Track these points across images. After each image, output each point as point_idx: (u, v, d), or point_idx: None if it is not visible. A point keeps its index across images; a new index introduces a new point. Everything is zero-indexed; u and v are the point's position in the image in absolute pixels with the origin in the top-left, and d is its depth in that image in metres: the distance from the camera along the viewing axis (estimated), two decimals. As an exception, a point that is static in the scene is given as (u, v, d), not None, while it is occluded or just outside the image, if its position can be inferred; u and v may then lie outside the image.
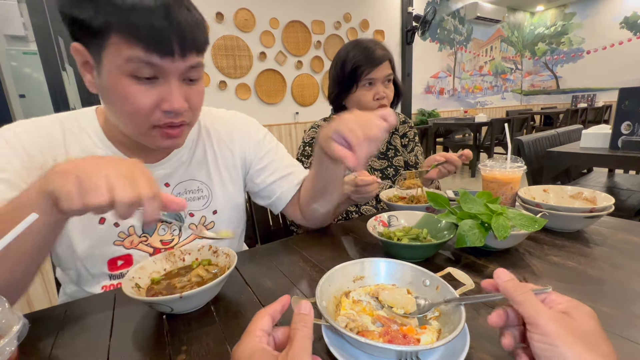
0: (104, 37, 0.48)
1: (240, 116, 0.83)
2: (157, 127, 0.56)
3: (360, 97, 1.06)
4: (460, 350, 0.37)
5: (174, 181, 0.70)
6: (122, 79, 0.51)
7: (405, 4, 4.93)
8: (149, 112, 0.54)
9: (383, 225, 0.74)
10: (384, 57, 1.03)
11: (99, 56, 0.51)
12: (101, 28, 0.48)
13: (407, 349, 0.34)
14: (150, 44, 0.48)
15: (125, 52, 0.49)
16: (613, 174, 2.32)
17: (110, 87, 0.52)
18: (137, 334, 0.47)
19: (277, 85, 4.18)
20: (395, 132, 1.25)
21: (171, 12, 0.49)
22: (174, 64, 0.51)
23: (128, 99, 0.52)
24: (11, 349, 0.31)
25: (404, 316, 0.42)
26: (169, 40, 0.49)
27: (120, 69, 0.50)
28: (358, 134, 0.52)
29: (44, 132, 0.60)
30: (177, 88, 0.54)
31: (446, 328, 0.40)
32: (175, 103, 0.53)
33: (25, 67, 2.75)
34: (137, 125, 0.56)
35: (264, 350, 0.32)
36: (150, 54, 0.49)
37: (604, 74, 6.47)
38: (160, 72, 0.52)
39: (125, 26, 0.47)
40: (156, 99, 0.53)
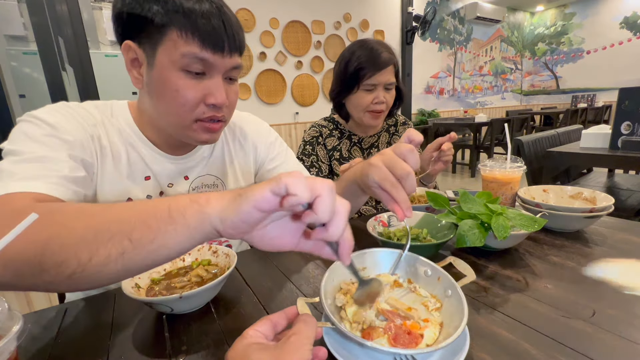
0: (163, 33, 0.53)
1: (253, 117, 0.87)
2: (200, 121, 0.60)
3: (359, 99, 1.06)
4: (461, 348, 0.37)
5: (193, 175, 0.73)
6: (174, 73, 0.55)
7: (405, 4, 4.93)
8: (195, 106, 0.58)
9: (383, 225, 0.74)
10: (388, 62, 1.02)
11: (153, 52, 0.55)
12: (162, 24, 0.52)
13: (405, 352, 0.34)
14: (206, 41, 0.53)
15: (182, 48, 0.53)
16: (613, 174, 2.32)
17: (161, 81, 0.56)
18: (137, 334, 0.47)
19: (277, 85, 4.18)
20: (396, 133, 1.26)
21: (223, 13, 0.55)
22: (222, 61, 0.56)
23: (179, 91, 0.56)
24: (11, 349, 0.31)
25: (407, 309, 0.42)
26: (222, 38, 0.55)
27: (174, 64, 0.54)
28: (390, 179, 0.52)
29: (84, 110, 0.63)
30: (221, 84, 0.59)
31: (448, 321, 0.40)
32: (219, 98, 0.58)
33: (25, 67, 2.76)
34: (182, 118, 0.59)
35: (257, 344, 0.31)
36: (204, 50, 0.54)
37: (604, 74, 6.47)
38: (208, 68, 0.56)
39: (186, 23, 0.52)
40: (202, 93, 0.57)
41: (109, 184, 0.62)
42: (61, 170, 0.51)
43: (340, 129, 1.19)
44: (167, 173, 0.69)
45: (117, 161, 0.63)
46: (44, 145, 0.52)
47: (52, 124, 0.55)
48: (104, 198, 0.62)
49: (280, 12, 4.03)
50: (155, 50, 0.55)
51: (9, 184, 0.45)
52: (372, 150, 1.20)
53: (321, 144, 1.16)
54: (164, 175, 0.68)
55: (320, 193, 0.31)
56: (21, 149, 0.50)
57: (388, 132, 1.24)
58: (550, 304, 0.48)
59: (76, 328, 0.49)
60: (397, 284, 0.49)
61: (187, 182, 0.72)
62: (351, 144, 1.18)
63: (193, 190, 0.72)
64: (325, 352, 0.34)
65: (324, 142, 1.16)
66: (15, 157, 0.49)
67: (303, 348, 0.30)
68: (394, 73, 1.06)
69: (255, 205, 0.31)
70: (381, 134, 1.22)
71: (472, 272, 0.46)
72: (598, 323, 0.43)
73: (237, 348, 0.31)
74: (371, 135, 1.20)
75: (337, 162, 1.15)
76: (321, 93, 4.55)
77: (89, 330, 0.49)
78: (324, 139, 1.16)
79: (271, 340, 0.34)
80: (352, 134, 1.18)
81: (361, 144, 1.19)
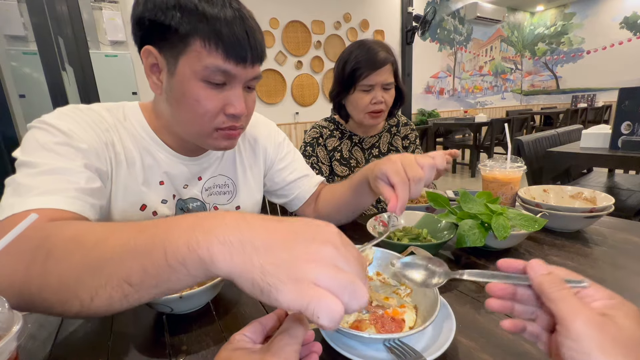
0: (186, 43, 0.52)
1: (262, 118, 0.87)
2: (220, 130, 0.60)
3: (357, 100, 1.06)
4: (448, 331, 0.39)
5: (207, 176, 0.73)
6: (195, 83, 0.54)
7: (405, 4, 4.93)
8: (214, 116, 0.57)
9: (383, 225, 0.74)
10: (385, 61, 1.01)
11: (175, 60, 0.54)
12: (186, 34, 0.51)
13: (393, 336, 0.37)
14: (229, 52, 0.52)
15: (205, 60, 0.52)
16: (613, 174, 2.32)
17: (182, 90, 0.55)
18: (137, 334, 0.47)
19: (277, 85, 4.18)
20: (397, 133, 1.25)
21: (246, 20, 0.54)
22: (244, 72, 0.56)
23: (200, 102, 0.55)
24: (11, 349, 0.31)
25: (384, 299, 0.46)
26: (245, 49, 0.54)
27: (196, 74, 0.53)
28: (402, 175, 0.54)
29: (96, 115, 0.61)
30: (241, 95, 0.58)
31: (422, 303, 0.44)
32: (239, 108, 0.57)
33: (25, 67, 2.76)
34: (202, 127, 0.59)
35: (242, 350, 0.31)
36: (227, 62, 0.53)
37: (604, 74, 6.47)
38: (230, 78, 0.56)
39: (210, 33, 0.51)
40: (223, 103, 0.57)
41: (123, 192, 0.61)
42: (78, 183, 0.49)
43: (341, 130, 1.19)
44: (183, 175, 0.69)
45: (131, 167, 0.62)
46: (58, 155, 0.50)
47: (66, 131, 0.53)
48: (118, 206, 0.61)
49: (280, 12, 4.03)
50: (177, 59, 0.53)
51: (26, 200, 0.44)
52: (372, 150, 1.20)
53: (321, 145, 1.16)
54: (179, 177, 0.68)
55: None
56: (36, 161, 0.49)
57: (389, 133, 1.24)
58: (551, 304, 0.48)
59: (76, 328, 0.49)
60: (368, 277, 0.51)
61: (200, 183, 0.72)
62: (352, 145, 1.18)
63: (206, 191, 0.73)
64: (320, 346, 0.35)
65: (325, 142, 1.16)
66: (31, 169, 0.48)
67: (286, 348, 0.29)
68: (392, 73, 1.05)
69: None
70: (382, 134, 1.22)
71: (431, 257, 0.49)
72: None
73: (222, 354, 0.31)
74: (372, 135, 1.20)
75: (337, 162, 1.15)
76: (321, 93, 4.55)
77: (89, 330, 0.49)
78: (324, 139, 1.16)
79: (262, 343, 0.34)
80: (352, 135, 1.18)
81: (362, 145, 1.19)
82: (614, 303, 0.27)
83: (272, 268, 0.26)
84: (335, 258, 0.27)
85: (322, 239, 0.28)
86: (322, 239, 0.28)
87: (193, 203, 0.72)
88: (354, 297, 0.25)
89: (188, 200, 0.71)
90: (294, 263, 0.26)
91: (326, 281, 0.25)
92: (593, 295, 0.28)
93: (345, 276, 0.26)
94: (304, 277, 0.25)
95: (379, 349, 0.38)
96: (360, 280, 0.27)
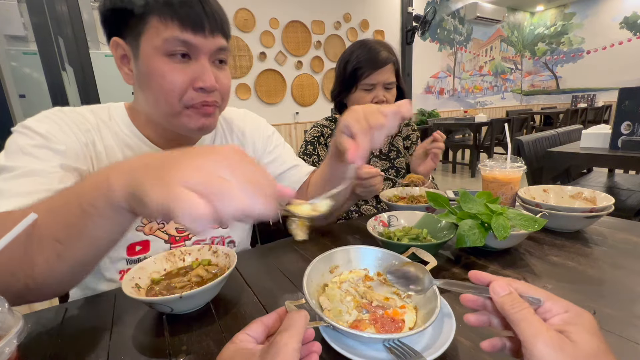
0: (144, 21, 0.55)
1: (250, 113, 0.88)
2: (192, 107, 0.60)
3: (358, 99, 1.06)
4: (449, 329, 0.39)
5: None
6: (158, 59, 0.56)
7: (405, 4, 4.93)
8: (183, 91, 0.58)
9: (383, 225, 0.74)
10: (387, 60, 1.02)
11: (137, 43, 0.57)
12: (142, 13, 0.54)
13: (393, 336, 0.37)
14: (185, 22, 0.55)
15: (163, 33, 0.55)
16: (613, 174, 2.32)
17: (147, 70, 0.57)
18: (137, 334, 0.47)
19: (277, 85, 4.18)
20: (399, 134, 1.25)
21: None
22: (205, 41, 0.57)
23: (165, 77, 0.57)
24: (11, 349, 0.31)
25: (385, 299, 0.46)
26: (201, 19, 0.56)
27: (158, 50, 0.56)
28: (362, 123, 0.50)
29: (79, 116, 0.64)
30: (207, 67, 0.59)
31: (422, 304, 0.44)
32: (207, 80, 0.58)
33: (25, 67, 2.76)
34: (172, 105, 0.59)
35: (244, 349, 0.31)
36: (185, 31, 0.55)
37: (604, 74, 6.47)
38: (192, 50, 0.57)
39: (164, 9, 0.54)
40: (190, 77, 0.58)
41: None
42: (51, 184, 0.51)
43: None
44: None
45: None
46: (34, 157, 0.53)
47: (43, 133, 0.56)
48: None
49: (280, 12, 4.03)
50: (139, 41, 0.56)
51: (0, 203, 0.46)
52: (373, 150, 1.20)
53: (322, 144, 1.16)
54: None
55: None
56: (13, 165, 0.52)
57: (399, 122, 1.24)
58: (550, 304, 0.48)
59: (76, 328, 0.49)
60: (368, 277, 0.51)
61: None
62: None
63: None
64: (320, 346, 0.35)
65: (326, 141, 1.16)
66: (9, 173, 0.51)
67: (286, 347, 0.29)
68: (393, 72, 1.06)
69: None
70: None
71: (433, 259, 0.50)
72: (598, 323, 0.43)
73: (224, 353, 0.32)
74: None
75: None
76: (321, 93, 4.55)
77: (89, 330, 0.49)
78: (325, 138, 1.16)
79: (264, 342, 0.34)
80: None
81: None
82: (570, 317, 0.29)
83: (149, 177, 0.29)
84: (218, 168, 0.29)
85: (214, 153, 0.30)
86: (213, 154, 0.30)
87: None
88: (223, 201, 0.27)
89: None
90: (168, 169, 0.29)
91: (195, 185, 0.27)
92: (551, 309, 0.30)
93: (218, 181, 0.28)
94: (173, 180, 0.28)
95: (379, 349, 0.38)
96: (239, 187, 0.28)
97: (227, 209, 0.27)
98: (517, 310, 0.29)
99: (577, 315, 0.29)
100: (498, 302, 0.31)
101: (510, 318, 0.30)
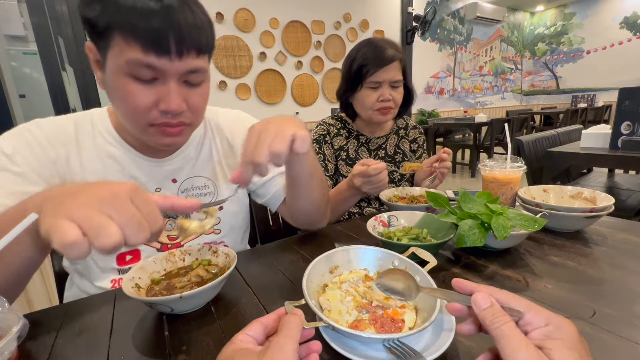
0: (108, 37, 0.51)
1: (243, 115, 0.84)
2: (155, 125, 0.57)
3: (364, 98, 1.05)
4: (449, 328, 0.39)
5: (181, 177, 0.72)
6: (122, 78, 0.53)
7: (405, 4, 4.93)
8: (146, 111, 0.55)
9: (383, 225, 0.74)
10: (393, 58, 1.01)
11: (105, 55, 0.53)
12: (105, 28, 0.50)
13: (392, 336, 0.36)
14: (147, 45, 0.50)
15: (126, 54, 0.50)
16: (613, 174, 2.32)
17: (112, 85, 0.55)
18: (137, 334, 0.47)
19: (277, 85, 4.18)
20: (405, 136, 1.24)
21: (171, 14, 0.50)
22: (171, 65, 0.52)
23: (127, 97, 0.54)
24: (11, 349, 0.31)
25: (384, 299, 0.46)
26: (166, 40, 0.50)
27: (121, 69, 0.52)
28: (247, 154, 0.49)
29: (57, 129, 0.63)
30: (175, 89, 0.54)
31: (422, 304, 0.43)
32: (172, 104, 0.54)
33: (25, 67, 2.76)
34: (136, 122, 0.58)
35: (243, 350, 0.32)
36: (148, 55, 0.50)
37: (604, 74, 6.47)
38: (159, 73, 0.53)
39: (125, 27, 0.49)
40: (154, 99, 0.54)
41: None
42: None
43: (348, 129, 1.18)
44: (153, 177, 0.68)
45: (92, 178, 0.62)
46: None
47: (9, 153, 0.56)
48: None
49: (280, 12, 4.03)
50: (105, 54, 0.53)
51: None
52: (379, 152, 1.19)
53: (328, 143, 1.14)
54: (149, 180, 0.68)
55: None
56: None
57: (397, 135, 1.23)
58: (550, 304, 0.48)
59: (76, 328, 0.49)
60: (368, 278, 0.51)
61: (175, 185, 0.71)
62: (359, 145, 1.17)
63: (182, 193, 0.71)
64: (319, 344, 0.35)
65: (332, 140, 1.15)
66: None
67: (285, 348, 0.30)
68: (400, 70, 1.04)
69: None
70: (390, 135, 1.21)
71: (433, 259, 0.49)
72: (598, 323, 0.43)
73: (224, 353, 0.32)
74: (379, 136, 1.19)
75: (343, 162, 1.14)
76: (321, 93, 4.55)
77: (89, 330, 0.49)
78: (331, 137, 1.15)
79: (263, 342, 0.34)
80: (360, 134, 1.17)
81: (369, 145, 1.18)
82: (550, 330, 0.28)
83: (48, 207, 0.34)
84: (103, 206, 0.33)
85: (105, 189, 0.34)
86: (104, 190, 0.34)
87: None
88: (97, 236, 0.31)
89: None
90: (61, 203, 0.33)
91: (77, 218, 0.31)
92: (531, 321, 0.30)
93: (97, 217, 0.32)
94: (60, 212, 0.32)
95: (379, 350, 0.38)
96: (119, 223, 0.32)
97: (100, 242, 0.31)
98: (497, 325, 0.29)
99: (557, 329, 0.28)
100: (479, 315, 0.31)
101: (491, 333, 0.29)
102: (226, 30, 3.71)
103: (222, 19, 3.63)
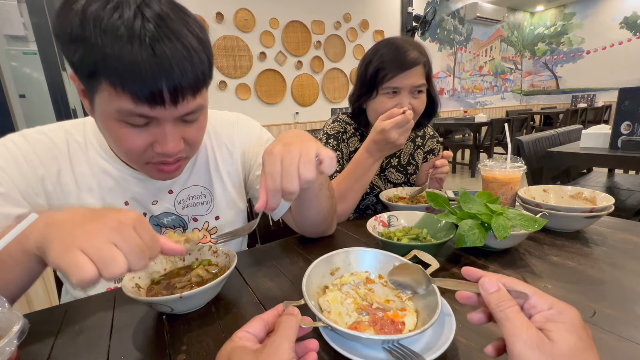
0: (95, 81, 0.46)
1: (242, 119, 0.80)
2: (152, 163, 0.56)
3: (379, 105, 0.93)
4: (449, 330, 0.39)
5: (177, 188, 0.70)
6: (113, 123, 0.49)
7: (405, 4, 4.93)
8: (141, 152, 0.53)
9: (383, 225, 0.74)
10: (416, 61, 0.87)
11: (92, 97, 0.49)
12: (93, 72, 0.45)
13: (391, 337, 0.37)
14: (140, 96, 0.45)
15: (115, 103, 0.46)
16: (613, 174, 2.32)
17: (103, 126, 0.51)
18: (137, 334, 0.47)
19: (277, 85, 4.18)
20: (421, 146, 1.15)
21: (163, 62, 0.44)
22: (166, 112, 0.48)
23: (121, 140, 0.51)
24: (11, 349, 0.31)
25: (385, 302, 0.46)
26: (159, 92, 0.45)
27: (111, 116, 0.48)
28: (276, 182, 0.45)
29: (47, 142, 0.59)
30: (171, 131, 0.51)
31: (423, 307, 0.43)
32: (168, 147, 0.52)
33: (25, 67, 2.75)
34: (131, 161, 0.58)
35: (241, 348, 0.32)
36: (140, 105, 0.46)
37: (604, 74, 6.47)
38: (151, 119, 0.49)
39: (112, 77, 0.44)
40: (149, 141, 0.52)
41: None
42: None
43: (361, 131, 1.09)
44: (149, 192, 0.66)
45: (86, 194, 0.60)
46: None
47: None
48: None
49: (280, 12, 4.03)
50: (93, 96, 0.48)
51: None
52: (392, 159, 1.12)
53: (345, 142, 1.07)
54: (146, 194, 0.66)
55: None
56: None
57: (413, 143, 1.14)
58: (551, 304, 0.48)
59: (76, 328, 0.49)
60: (369, 280, 0.51)
61: (172, 196, 0.69)
62: None
63: (179, 204, 0.69)
64: (316, 342, 0.35)
65: (348, 140, 1.07)
66: None
67: (281, 346, 0.30)
68: (423, 75, 0.91)
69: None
70: (405, 144, 1.11)
71: (435, 262, 0.49)
72: (598, 323, 0.43)
73: (223, 350, 0.32)
74: None
75: None
76: (321, 93, 4.55)
77: (89, 330, 0.49)
78: (347, 136, 1.07)
79: (263, 339, 0.35)
80: None
81: None
82: (552, 314, 0.29)
83: (54, 236, 0.35)
84: (111, 235, 0.34)
85: (112, 219, 0.35)
86: (111, 219, 0.35)
87: (167, 217, 0.69)
88: (106, 267, 0.32)
89: (161, 216, 0.68)
90: (69, 232, 0.34)
91: (88, 250, 0.32)
92: (536, 305, 0.30)
93: (106, 250, 0.33)
94: (72, 244, 0.33)
95: (379, 351, 0.38)
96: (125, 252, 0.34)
97: (109, 272, 0.33)
98: (502, 308, 0.30)
99: (559, 313, 0.29)
100: (486, 299, 0.32)
101: (496, 317, 0.30)
102: (226, 30, 3.72)
103: (222, 19, 3.64)
